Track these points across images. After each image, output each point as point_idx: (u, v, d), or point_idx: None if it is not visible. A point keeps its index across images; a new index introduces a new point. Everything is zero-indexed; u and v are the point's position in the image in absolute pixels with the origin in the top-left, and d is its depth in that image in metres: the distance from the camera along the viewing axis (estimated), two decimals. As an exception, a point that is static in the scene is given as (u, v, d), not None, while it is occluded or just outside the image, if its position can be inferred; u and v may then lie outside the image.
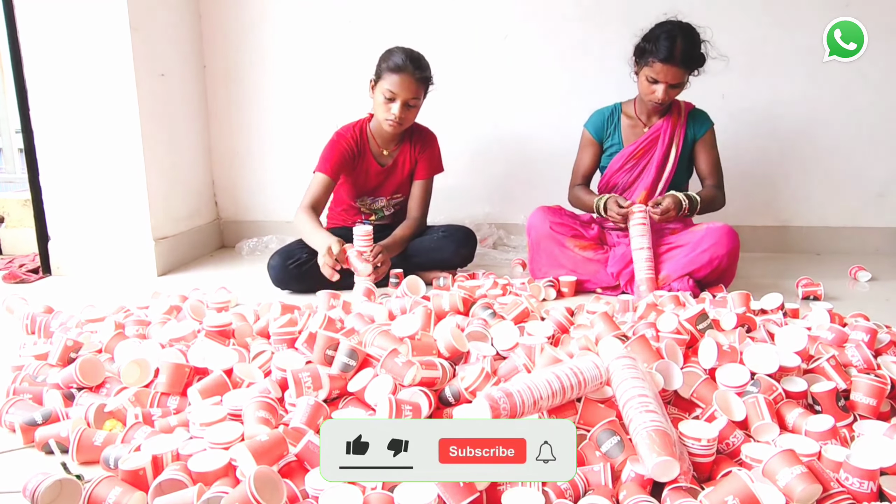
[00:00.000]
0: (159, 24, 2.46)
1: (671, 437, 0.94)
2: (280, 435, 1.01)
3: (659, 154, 2.15)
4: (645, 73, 2.04)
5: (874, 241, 2.77)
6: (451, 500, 0.88)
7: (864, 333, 1.43)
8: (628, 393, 1.03)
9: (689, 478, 0.94)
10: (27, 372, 1.36)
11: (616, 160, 2.21)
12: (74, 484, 0.95)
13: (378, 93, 2.07)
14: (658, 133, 2.16)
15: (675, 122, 2.16)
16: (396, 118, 2.05)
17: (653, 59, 1.99)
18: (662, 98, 2.03)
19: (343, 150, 2.16)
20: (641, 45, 2.06)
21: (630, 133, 2.21)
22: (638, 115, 2.20)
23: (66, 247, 2.40)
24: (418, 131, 2.28)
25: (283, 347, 1.42)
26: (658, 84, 2.02)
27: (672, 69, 1.98)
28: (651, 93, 2.05)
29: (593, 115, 2.27)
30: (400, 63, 2.03)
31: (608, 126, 2.23)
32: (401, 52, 2.06)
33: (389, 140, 2.22)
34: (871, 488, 0.92)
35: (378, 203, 2.31)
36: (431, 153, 2.28)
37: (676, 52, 1.96)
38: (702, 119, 2.19)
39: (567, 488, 0.91)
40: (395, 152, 2.25)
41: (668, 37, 1.98)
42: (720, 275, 1.99)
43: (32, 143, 2.33)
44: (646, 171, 2.18)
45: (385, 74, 2.05)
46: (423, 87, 2.09)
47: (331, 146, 2.18)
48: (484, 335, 1.44)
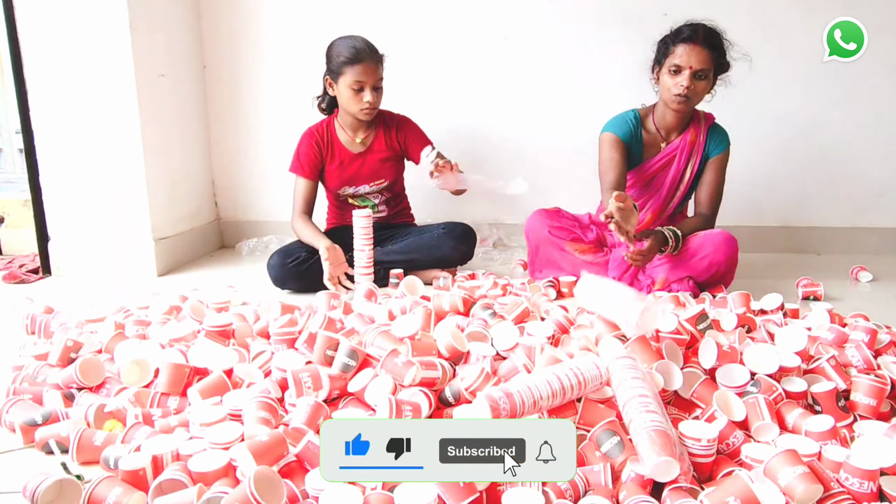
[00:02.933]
0: (159, 24, 2.46)
1: (671, 437, 0.94)
2: (280, 435, 1.00)
3: (672, 176, 2.08)
4: (667, 66, 1.92)
5: (874, 241, 2.77)
6: (451, 500, 0.88)
7: (864, 334, 1.43)
8: (628, 393, 1.03)
9: (690, 478, 0.94)
10: (27, 372, 1.36)
11: (629, 176, 2.11)
12: (74, 484, 0.95)
13: (343, 87, 2.10)
14: (675, 153, 2.07)
15: (694, 142, 2.06)
16: (370, 104, 2.10)
17: (674, 43, 1.90)
18: (687, 87, 1.89)
19: (308, 148, 2.23)
20: (660, 43, 1.97)
21: (648, 148, 2.10)
22: (658, 127, 2.09)
23: (66, 247, 2.40)
24: (392, 118, 2.31)
25: (283, 348, 1.42)
26: (682, 73, 1.89)
27: (696, 48, 1.88)
28: (675, 85, 1.91)
29: (615, 119, 2.10)
30: (356, 53, 2.07)
31: (634, 134, 2.07)
32: (348, 44, 2.09)
33: (360, 127, 2.26)
34: (871, 488, 0.92)
35: (361, 191, 2.31)
36: (417, 133, 2.30)
37: (699, 31, 1.89)
38: (720, 138, 2.08)
39: (567, 489, 0.91)
40: (368, 139, 2.27)
41: (689, 24, 1.92)
42: (718, 280, 1.98)
43: (32, 143, 2.33)
44: (657, 192, 2.12)
45: (344, 69, 2.08)
46: (380, 65, 2.13)
47: (297, 149, 2.26)
48: (484, 335, 1.44)
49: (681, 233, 1.94)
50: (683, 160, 2.07)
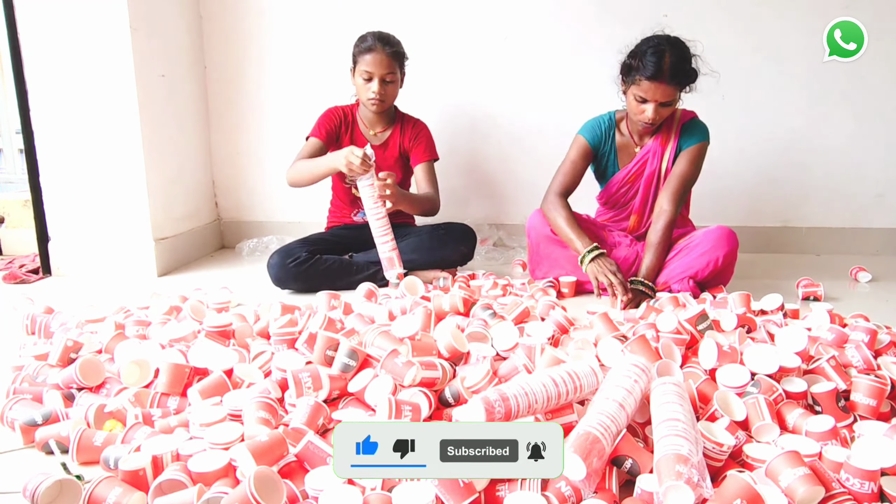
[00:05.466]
0: (159, 24, 2.46)
1: (690, 460, 0.89)
2: (280, 435, 1.00)
3: (647, 177, 2.09)
4: (633, 92, 1.91)
5: (874, 241, 2.77)
6: (451, 500, 0.88)
7: (864, 334, 1.43)
8: (663, 416, 0.98)
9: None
10: (27, 372, 1.36)
11: (611, 184, 2.16)
12: (74, 484, 0.95)
13: (357, 77, 2.19)
14: (647, 157, 2.08)
15: (665, 142, 2.05)
16: (377, 95, 2.16)
17: (640, 76, 1.86)
18: (653, 118, 1.91)
19: (331, 117, 2.29)
20: (627, 62, 1.94)
21: (622, 153, 2.13)
22: (630, 132, 2.10)
23: (66, 247, 2.40)
24: (409, 119, 2.37)
25: (283, 348, 1.42)
26: (647, 103, 1.90)
27: (661, 87, 1.85)
28: (640, 112, 1.92)
29: (589, 123, 2.14)
30: (370, 43, 2.15)
31: (605, 139, 2.11)
32: (370, 34, 2.18)
33: (376, 122, 2.31)
34: (871, 489, 0.92)
35: None
36: (427, 140, 2.35)
37: (665, 67, 1.83)
38: (693, 132, 2.05)
39: (570, 494, 0.91)
40: (385, 134, 2.33)
41: (655, 52, 1.85)
42: (717, 275, 1.98)
43: (32, 143, 2.33)
44: (636, 196, 2.14)
45: (359, 58, 2.17)
46: (396, 61, 2.18)
47: (321, 117, 2.31)
48: (484, 335, 1.44)
49: (650, 280, 1.96)
50: (657, 161, 2.08)
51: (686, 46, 1.90)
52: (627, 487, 0.96)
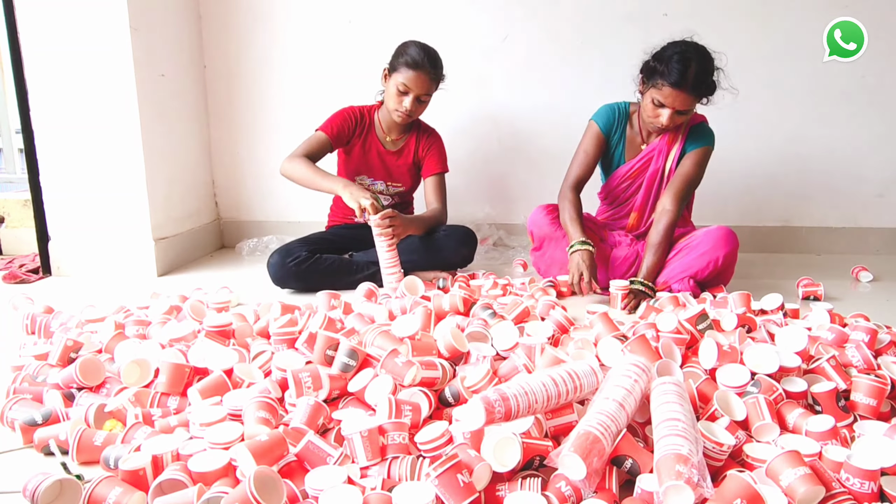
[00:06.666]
0: (159, 24, 2.46)
1: (691, 461, 0.88)
2: (280, 435, 1.00)
3: (651, 175, 2.10)
4: (651, 95, 1.91)
5: (874, 241, 2.77)
6: (451, 500, 0.88)
7: (864, 334, 1.43)
8: (663, 415, 0.98)
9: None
10: (27, 372, 1.36)
11: (613, 178, 2.17)
12: (74, 484, 0.95)
13: (392, 84, 2.13)
14: (652, 155, 2.08)
15: (672, 143, 2.06)
16: (407, 111, 2.12)
17: (662, 81, 1.85)
18: (667, 124, 1.91)
19: (346, 118, 2.24)
20: (651, 64, 1.91)
21: (630, 146, 2.13)
22: (640, 127, 2.11)
23: (66, 247, 2.40)
24: (426, 129, 2.35)
25: (283, 347, 1.42)
26: (664, 109, 1.90)
27: (681, 95, 1.85)
28: (655, 116, 1.93)
29: (603, 108, 2.14)
30: (417, 59, 2.08)
31: (617, 125, 2.11)
32: (418, 48, 2.10)
33: (394, 128, 2.29)
34: (871, 488, 0.92)
35: (377, 186, 2.33)
36: (439, 152, 2.34)
37: (689, 76, 1.82)
38: (700, 135, 2.05)
39: (570, 494, 0.91)
40: (400, 142, 2.32)
41: (681, 59, 1.83)
42: (717, 275, 1.98)
43: (32, 143, 2.33)
44: (638, 192, 2.14)
45: (401, 68, 2.10)
46: (435, 84, 2.16)
47: (336, 114, 2.26)
48: (484, 335, 1.44)
49: (651, 280, 1.96)
50: (662, 160, 2.08)
51: (711, 58, 1.88)
52: (627, 487, 0.96)
